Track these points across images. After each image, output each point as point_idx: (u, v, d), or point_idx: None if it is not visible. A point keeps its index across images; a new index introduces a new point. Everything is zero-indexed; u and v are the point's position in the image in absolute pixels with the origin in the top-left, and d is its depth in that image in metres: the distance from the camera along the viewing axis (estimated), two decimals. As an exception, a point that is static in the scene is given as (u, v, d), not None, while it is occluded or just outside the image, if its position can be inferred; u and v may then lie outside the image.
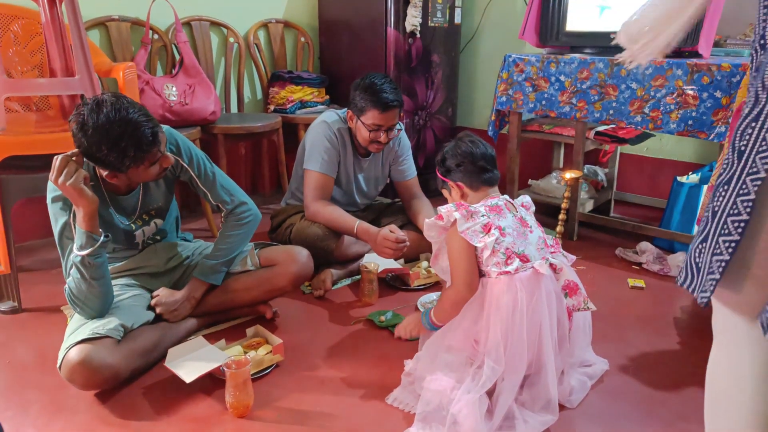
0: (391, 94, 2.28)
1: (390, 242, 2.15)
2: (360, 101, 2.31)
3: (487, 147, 1.76)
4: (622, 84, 2.50)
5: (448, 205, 1.65)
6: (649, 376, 1.80)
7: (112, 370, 1.64)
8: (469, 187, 1.74)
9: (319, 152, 2.38)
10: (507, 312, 1.54)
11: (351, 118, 2.39)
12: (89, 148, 1.61)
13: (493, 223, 1.61)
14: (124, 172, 1.69)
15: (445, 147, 1.80)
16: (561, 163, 3.43)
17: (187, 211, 3.28)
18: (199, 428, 1.57)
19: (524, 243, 1.62)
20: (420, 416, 1.53)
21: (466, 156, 1.73)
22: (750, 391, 1.02)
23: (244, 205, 2.02)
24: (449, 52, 3.57)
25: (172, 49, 3.05)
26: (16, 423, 1.58)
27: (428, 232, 1.70)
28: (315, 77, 3.43)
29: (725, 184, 0.99)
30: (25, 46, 2.41)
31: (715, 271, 0.99)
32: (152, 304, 1.91)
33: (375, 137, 2.34)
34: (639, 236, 2.79)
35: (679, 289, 1.96)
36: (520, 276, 1.57)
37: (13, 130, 2.10)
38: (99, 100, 1.61)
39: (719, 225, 0.99)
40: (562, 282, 1.63)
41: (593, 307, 1.63)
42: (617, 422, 1.60)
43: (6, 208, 2.06)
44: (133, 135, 1.61)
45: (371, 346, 1.97)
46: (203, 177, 1.95)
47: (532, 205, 1.80)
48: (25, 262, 2.58)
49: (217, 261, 1.98)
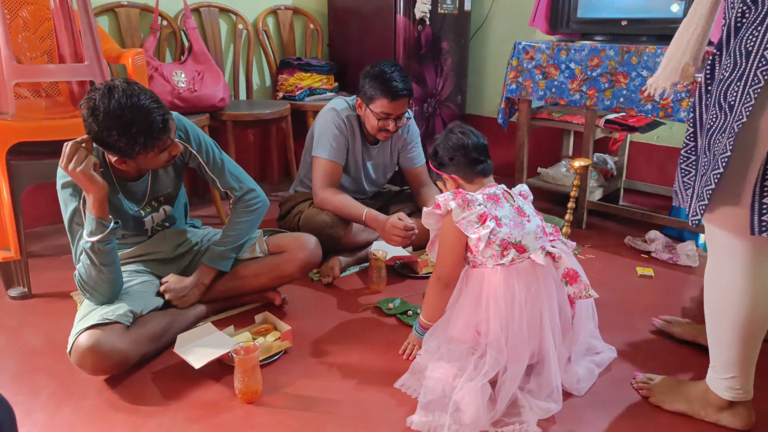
0: (400, 83, 2.26)
1: (398, 230, 2.14)
2: (369, 89, 2.30)
3: (479, 137, 1.74)
4: (633, 71, 2.48)
5: (446, 193, 1.64)
6: (657, 365, 1.79)
7: (122, 355, 1.65)
8: (464, 179, 1.73)
9: (328, 140, 2.37)
10: (505, 304, 1.54)
11: (360, 105, 2.38)
12: (99, 133, 1.61)
13: (489, 212, 1.60)
14: (134, 158, 1.69)
15: (437, 139, 1.78)
16: (570, 152, 3.40)
17: (196, 198, 3.29)
18: (208, 414, 1.58)
19: (521, 233, 1.61)
20: (423, 404, 1.54)
21: (458, 148, 1.71)
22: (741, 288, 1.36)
23: (253, 192, 2.03)
24: (459, 39, 3.55)
25: (181, 35, 3.05)
26: (27, 407, 1.60)
27: (426, 220, 1.70)
28: (324, 64, 3.42)
29: (719, 132, 1.29)
30: (34, 32, 2.41)
31: (704, 198, 1.32)
32: (161, 291, 1.92)
33: (384, 126, 2.33)
34: (648, 225, 2.77)
35: (687, 278, 1.95)
36: (516, 267, 1.57)
37: (22, 116, 2.11)
38: (110, 85, 1.60)
39: (711, 162, 1.31)
40: (562, 270, 1.61)
41: (595, 294, 1.60)
42: (625, 410, 1.60)
43: (16, 194, 2.07)
44: (144, 121, 1.61)
45: (379, 333, 1.97)
46: (212, 164, 1.95)
47: (529, 194, 1.80)
48: (34, 248, 2.60)
49: (226, 247, 1.99)
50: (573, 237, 2.00)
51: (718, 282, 1.42)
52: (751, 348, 1.41)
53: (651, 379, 1.67)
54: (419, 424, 1.50)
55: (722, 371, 1.45)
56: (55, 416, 1.57)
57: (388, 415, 1.58)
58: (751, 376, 1.45)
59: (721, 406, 1.49)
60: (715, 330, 1.45)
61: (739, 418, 1.48)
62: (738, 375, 1.43)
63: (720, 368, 1.46)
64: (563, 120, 2.96)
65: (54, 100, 2.47)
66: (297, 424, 1.54)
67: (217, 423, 1.54)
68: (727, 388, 1.46)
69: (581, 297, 1.59)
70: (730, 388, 1.45)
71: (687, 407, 1.55)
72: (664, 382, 1.64)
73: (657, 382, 1.65)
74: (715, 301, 1.43)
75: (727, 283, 1.38)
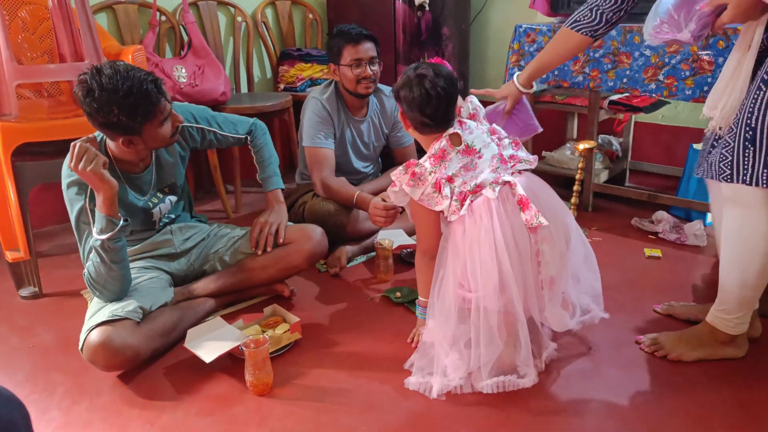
0: (357, 28, 2.38)
1: (380, 210, 2.13)
2: (334, 47, 2.40)
3: (441, 99, 1.60)
4: (636, 51, 2.45)
5: (399, 169, 1.63)
6: (667, 346, 1.80)
7: (133, 350, 1.67)
8: (416, 130, 1.69)
9: (313, 128, 2.42)
10: (463, 250, 1.57)
11: (334, 71, 2.44)
12: (100, 114, 1.63)
13: (440, 178, 1.59)
14: (139, 133, 1.71)
15: (408, 76, 1.65)
16: (575, 134, 3.38)
17: (201, 192, 3.29)
18: (221, 407, 1.60)
19: (474, 175, 1.61)
20: (417, 367, 1.66)
21: (415, 106, 1.63)
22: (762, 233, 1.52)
23: (252, 124, 2.20)
24: (459, 24, 3.52)
25: (180, 30, 3.04)
26: (42, 406, 1.62)
27: (395, 200, 1.70)
28: (324, 54, 3.40)
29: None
30: (33, 32, 2.41)
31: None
32: (253, 232, 2.06)
33: (360, 73, 2.38)
34: (655, 205, 2.76)
35: (696, 258, 1.95)
36: (471, 207, 1.57)
37: (26, 117, 2.11)
38: (97, 67, 1.65)
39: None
40: (517, 197, 1.57)
41: (545, 222, 1.54)
42: (634, 392, 1.61)
43: (23, 195, 2.08)
44: (139, 90, 1.64)
45: (387, 322, 1.98)
46: (223, 126, 2.09)
47: (480, 108, 1.75)
48: (43, 248, 2.62)
49: (270, 169, 2.19)
50: (579, 220, 1.99)
51: (752, 230, 1.54)
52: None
53: (656, 339, 1.77)
54: (414, 384, 1.62)
55: (735, 311, 1.63)
56: (70, 413, 1.59)
57: (399, 403, 1.59)
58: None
59: (726, 341, 1.69)
60: (739, 274, 1.58)
61: (742, 347, 1.71)
62: (747, 311, 1.64)
63: (734, 308, 1.63)
64: (567, 102, 2.94)
65: (56, 100, 2.48)
66: (309, 415, 1.55)
67: (229, 416, 1.56)
68: (737, 325, 1.66)
69: (533, 224, 1.54)
70: (740, 323, 1.65)
71: (704, 352, 1.71)
72: (672, 338, 1.76)
73: (666, 340, 1.76)
74: (746, 248, 1.56)
75: (764, 232, 1.52)
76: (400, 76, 1.68)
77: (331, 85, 2.50)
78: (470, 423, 1.50)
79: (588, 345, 1.80)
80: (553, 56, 1.92)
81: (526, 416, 1.52)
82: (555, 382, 1.64)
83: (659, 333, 1.80)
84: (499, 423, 1.50)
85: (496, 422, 1.50)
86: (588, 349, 1.79)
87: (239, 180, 3.03)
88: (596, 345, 1.80)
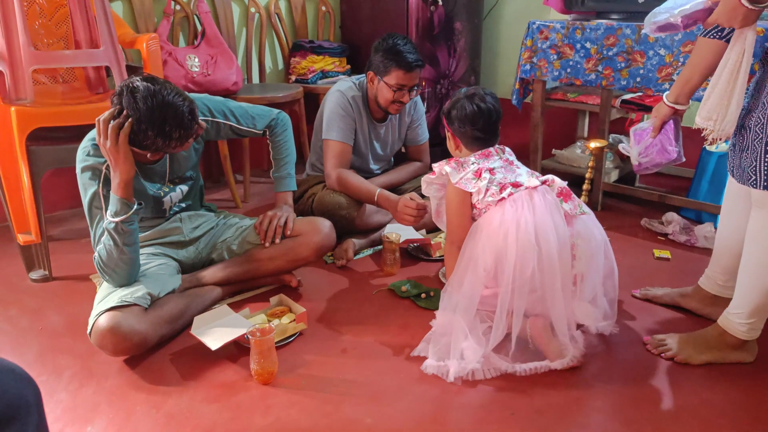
0: (414, 54, 2.31)
1: (410, 209, 2.15)
2: (383, 62, 2.32)
3: (492, 113, 1.79)
4: (650, 50, 2.44)
5: (441, 162, 1.77)
6: (673, 347, 1.79)
7: (141, 336, 1.68)
8: (464, 146, 1.84)
9: (336, 121, 2.39)
10: (498, 236, 1.62)
11: (372, 79, 2.39)
12: (136, 137, 1.67)
13: (482, 167, 1.74)
14: (168, 152, 1.75)
15: (457, 97, 1.83)
16: (586, 132, 3.37)
17: (210, 181, 3.31)
18: (226, 394, 1.61)
19: (514, 174, 1.76)
20: (434, 351, 1.69)
21: (467, 122, 1.79)
22: None
23: (275, 117, 2.17)
24: (472, 19, 3.51)
25: (194, 19, 3.05)
26: (50, 387, 1.64)
27: (426, 189, 1.87)
28: (336, 46, 3.41)
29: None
30: (50, 19, 2.43)
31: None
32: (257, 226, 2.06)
33: (398, 97, 2.35)
34: (665, 206, 2.75)
35: (705, 261, 1.94)
36: (513, 197, 1.67)
37: (40, 102, 2.13)
38: (131, 87, 1.64)
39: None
40: (556, 190, 1.74)
41: (588, 211, 1.74)
42: (640, 392, 1.61)
43: (36, 179, 2.10)
44: (175, 117, 1.66)
45: (393, 314, 1.99)
46: (241, 118, 2.07)
47: (512, 154, 1.88)
48: (54, 232, 2.64)
49: (285, 170, 2.18)
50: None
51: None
52: None
53: (663, 340, 1.77)
54: (432, 367, 1.65)
55: (749, 316, 1.62)
56: (77, 395, 1.61)
57: (403, 394, 1.60)
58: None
59: (736, 345, 1.68)
60: (758, 279, 1.57)
61: (752, 352, 1.70)
62: (761, 317, 1.63)
63: (748, 313, 1.62)
64: (578, 100, 2.93)
65: (71, 86, 2.50)
66: (313, 404, 1.56)
67: (234, 403, 1.57)
68: (749, 330, 1.64)
69: (576, 214, 1.70)
70: (753, 329, 1.64)
71: (712, 356, 1.70)
72: (680, 340, 1.75)
73: (674, 342, 1.75)
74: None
75: None
76: (449, 101, 1.85)
77: (361, 89, 2.47)
78: (474, 417, 1.51)
79: (595, 345, 1.80)
80: (690, 69, 1.73)
81: (531, 413, 1.52)
82: (560, 380, 1.65)
83: (667, 334, 1.79)
84: (504, 419, 1.50)
85: (500, 418, 1.51)
86: (595, 348, 1.78)
87: (248, 170, 3.05)
88: (603, 345, 1.81)
